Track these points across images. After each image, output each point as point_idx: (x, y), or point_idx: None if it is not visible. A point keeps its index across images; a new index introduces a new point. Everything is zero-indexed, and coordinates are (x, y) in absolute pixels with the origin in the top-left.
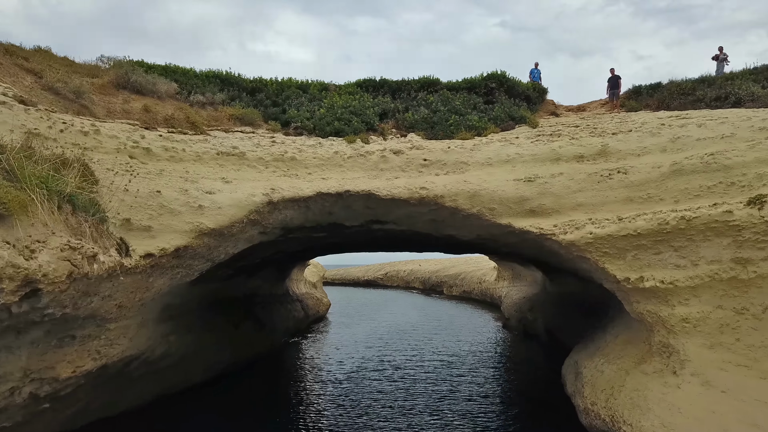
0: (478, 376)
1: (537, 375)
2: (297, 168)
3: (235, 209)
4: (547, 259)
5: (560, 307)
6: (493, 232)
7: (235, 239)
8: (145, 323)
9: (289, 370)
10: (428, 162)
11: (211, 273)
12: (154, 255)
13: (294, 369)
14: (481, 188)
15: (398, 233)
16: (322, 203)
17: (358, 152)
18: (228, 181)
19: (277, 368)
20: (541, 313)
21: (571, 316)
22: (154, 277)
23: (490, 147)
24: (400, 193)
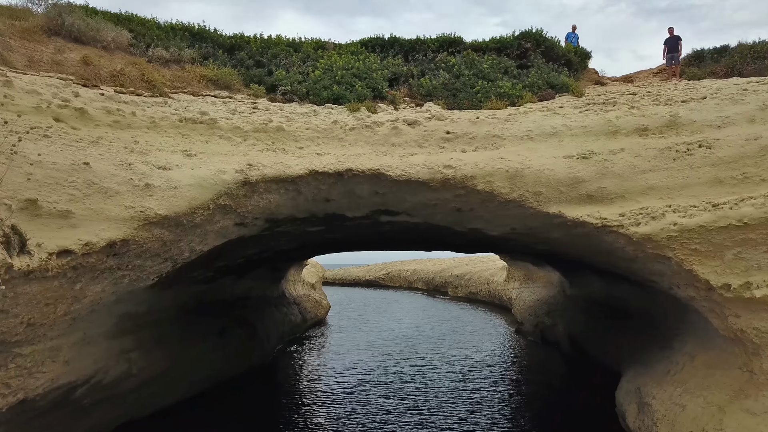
0: (500, 393)
1: (572, 395)
2: (285, 141)
3: (196, 190)
4: (594, 260)
5: (586, 313)
6: (534, 225)
7: (202, 232)
8: (89, 340)
9: (281, 385)
10: (452, 135)
11: (184, 275)
12: (73, 252)
13: (288, 383)
14: (523, 167)
15: (411, 227)
16: (316, 186)
17: (363, 123)
18: (191, 155)
19: (269, 382)
20: (562, 319)
21: (601, 323)
22: (84, 283)
23: (529, 117)
24: (418, 173)
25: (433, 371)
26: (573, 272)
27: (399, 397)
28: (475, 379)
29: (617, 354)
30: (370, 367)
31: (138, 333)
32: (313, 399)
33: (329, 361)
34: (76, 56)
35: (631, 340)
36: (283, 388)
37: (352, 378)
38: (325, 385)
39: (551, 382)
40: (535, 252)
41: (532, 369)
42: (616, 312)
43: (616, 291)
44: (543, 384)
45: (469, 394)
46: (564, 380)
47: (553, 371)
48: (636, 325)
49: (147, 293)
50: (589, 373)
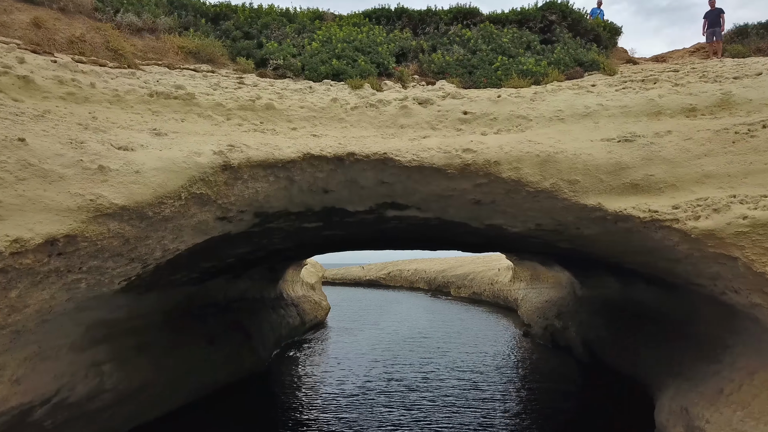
0: (514, 403)
1: (594, 408)
2: (275, 120)
3: (164, 175)
4: (624, 260)
5: (601, 317)
6: (565, 220)
7: (176, 227)
8: (47, 354)
9: (277, 394)
10: (470, 116)
11: (164, 278)
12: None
13: (284, 392)
14: (556, 151)
15: (420, 224)
16: (312, 173)
17: (367, 101)
18: (160, 134)
19: (263, 392)
20: (573, 322)
21: (620, 329)
22: (23, 290)
23: (558, 96)
24: (433, 158)
25: (439, 378)
26: (585, 272)
27: (404, 407)
28: (485, 387)
29: (642, 364)
30: (372, 373)
31: (113, 342)
32: (311, 409)
33: (329, 367)
34: (24, 18)
35: (662, 349)
36: (279, 397)
37: (353, 386)
38: (324, 393)
39: (568, 391)
40: (556, 251)
41: (545, 376)
42: (638, 316)
43: (636, 293)
44: (559, 393)
45: (480, 404)
46: (583, 390)
47: (569, 379)
48: (665, 332)
49: (122, 298)
50: (608, 382)
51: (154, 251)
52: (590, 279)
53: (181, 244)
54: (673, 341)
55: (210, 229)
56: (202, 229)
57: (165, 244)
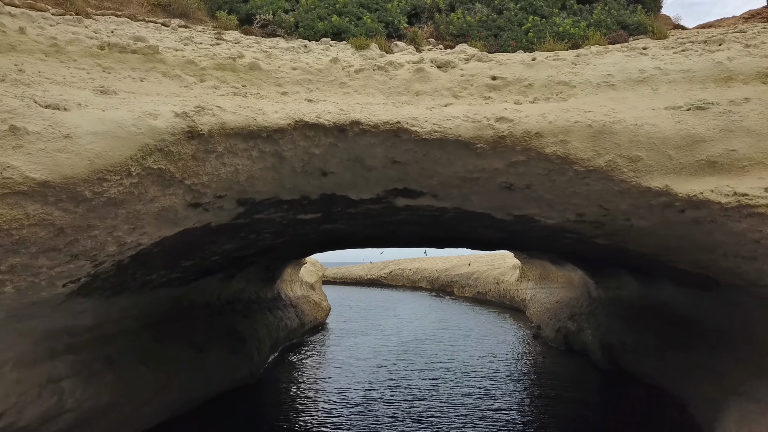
0: (533, 415)
1: (627, 423)
2: (261, 83)
3: (104, 142)
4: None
5: (622, 319)
6: (616, 208)
7: (131, 215)
8: None
9: (272, 406)
10: (500, 81)
11: (136, 278)
12: None
13: (280, 403)
14: (613, 120)
15: (434, 215)
16: (306, 148)
17: (375, 64)
18: (107, 92)
19: (257, 403)
20: (589, 324)
21: (644, 333)
22: None
23: (605, 59)
24: (458, 129)
25: (448, 385)
26: (601, 271)
27: (412, 419)
28: (498, 395)
29: (677, 374)
30: (376, 379)
31: (77, 354)
32: (311, 422)
33: (329, 374)
34: None
35: (703, 360)
36: (274, 408)
37: (356, 395)
38: (324, 403)
39: (590, 400)
40: (586, 248)
41: (563, 383)
42: (664, 320)
43: (660, 295)
44: (580, 402)
45: (494, 415)
46: (607, 400)
47: (590, 387)
48: (705, 340)
49: (84, 302)
50: (634, 391)
51: (105, 246)
52: (606, 278)
53: (142, 236)
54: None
55: (181, 218)
56: (169, 218)
57: (120, 237)
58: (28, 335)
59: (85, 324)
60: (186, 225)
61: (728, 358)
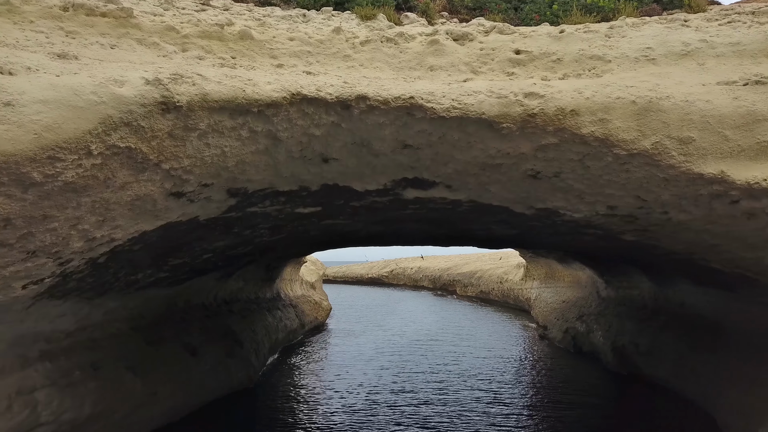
0: (546, 423)
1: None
2: (253, 55)
3: (56, 112)
4: (708, 258)
5: (634, 321)
6: (656, 199)
7: (98, 205)
8: None
9: (270, 412)
10: (525, 56)
11: (120, 278)
12: None
13: (278, 409)
14: (660, 96)
15: (446, 209)
16: (305, 127)
17: (383, 35)
18: (66, 57)
19: (254, 409)
20: (600, 325)
21: (663, 337)
22: None
23: (643, 31)
24: (481, 105)
25: (454, 389)
26: (611, 270)
27: (418, 425)
28: (508, 400)
29: (702, 382)
30: (379, 383)
31: (54, 361)
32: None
33: (330, 377)
34: None
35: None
36: (272, 415)
37: (358, 399)
38: (325, 409)
39: (604, 406)
40: (608, 246)
41: (574, 387)
42: (684, 322)
43: (677, 296)
44: (593, 408)
45: (504, 421)
46: (624, 406)
47: (604, 393)
48: (729, 343)
49: (61, 305)
50: (652, 397)
51: (69, 241)
52: (617, 277)
53: (115, 231)
54: (750, 357)
55: (161, 210)
56: (147, 209)
57: (86, 231)
58: None
59: (65, 328)
60: (169, 218)
61: (761, 363)
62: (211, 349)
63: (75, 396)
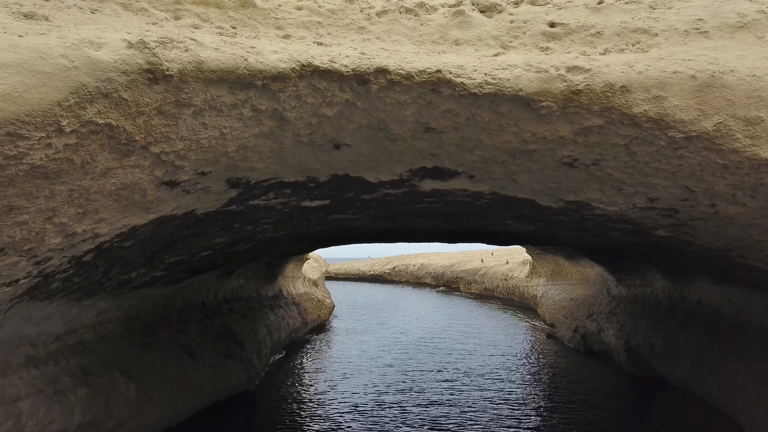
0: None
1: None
2: (256, 24)
3: (19, 78)
4: (747, 255)
5: (648, 320)
6: (707, 190)
7: (76, 194)
8: None
9: (271, 416)
10: (560, 28)
11: (110, 277)
12: None
13: (280, 412)
14: (723, 71)
15: (462, 204)
16: (315, 106)
17: (402, 5)
18: (34, 17)
19: (255, 413)
20: (611, 324)
21: (681, 336)
22: None
23: (692, 2)
24: (518, 80)
25: (462, 390)
26: (623, 267)
27: (427, 427)
28: (520, 401)
29: (721, 381)
30: (385, 383)
31: (40, 368)
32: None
33: (334, 378)
34: None
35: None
36: (275, 417)
37: (364, 400)
38: (329, 412)
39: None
40: (633, 242)
41: (590, 389)
42: (703, 321)
43: (694, 294)
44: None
45: (518, 424)
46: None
47: (619, 394)
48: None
49: (46, 306)
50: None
51: (44, 237)
52: (628, 275)
53: (98, 225)
54: None
55: (153, 202)
56: (135, 200)
57: (64, 225)
58: None
59: (53, 331)
60: (162, 211)
61: None
62: (211, 350)
63: (63, 404)
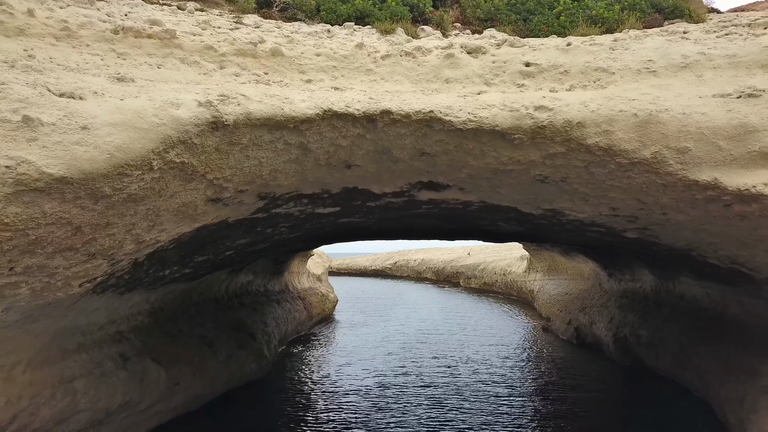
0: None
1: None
2: (283, 71)
3: (125, 134)
4: (705, 254)
5: (636, 313)
6: (656, 202)
7: (150, 212)
8: None
9: (282, 401)
10: (534, 68)
11: (150, 275)
12: None
13: (291, 398)
14: (659, 109)
15: (457, 208)
16: (333, 139)
17: (402, 49)
18: (125, 80)
19: (267, 398)
20: (602, 317)
21: (665, 328)
22: None
23: (645, 44)
24: (495, 118)
25: (460, 374)
26: (614, 263)
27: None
28: (511, 385)
29: (697, 369)
30: (387, 369)
31: (90, 352)
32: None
33: (340, 365)
34: None
35: (726, 355)
36: (284, 404)
37: (368, 383)
38: (337, 394)
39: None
40: (612, 242)
41: (578, 375)
42: (685, 314)
43: (678, 288)
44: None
45: (513, 411)
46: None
47: (609, 383)
48: (728, 334)
49: (97, 299)
50: (655, 388)
51: (123, 244)
52: (620, 271)
53: (161, 234)
54: (746, 348)
55: (200, 214)
56: (189, 214)
57: (138, 235)
58: (40, 335)
59: (97, 321)
60: (205, 221)
61: (758, 354)
62: (226, 341)
63: (108, 385)
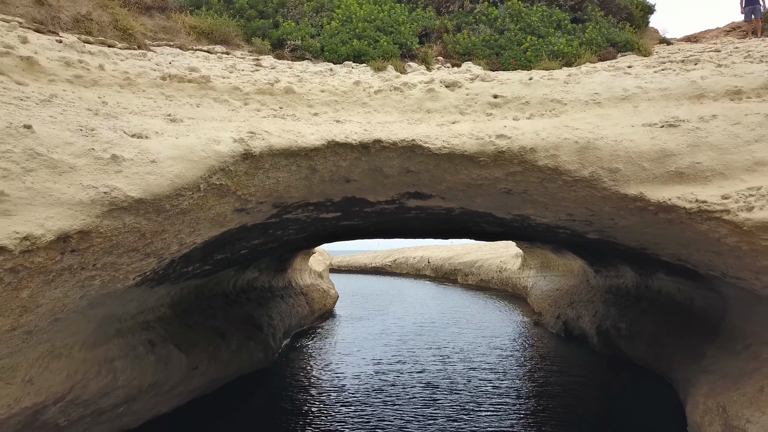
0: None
1: (623, 404)
2: (295, 105)
3: (182, 165)
4: (655, 252)
5: (618, 306)
6: (601, 210)
7: (193, 220)
8: (59, 353)
9: (288, 388)
10: (501, 99)
11: (177, 270)
12: (6, 250)
13: (295, 386)
14: (596, 137)
15: (442, 213)
16: (335, 161)
17: (392, 85)
18: (175, 120)
19: (275, 386)
20: (587, 311)
21: (640, 320)
22: (34, 289)
23: (593, 78)
24: (464, 145)
25: (454, 361)
26: (600, 261)
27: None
28: (499, 371)
29: (665, 357)
30: (385, 357)
31: (125, 337)
32: (325, 402)
33: (341, 355)
34: None
35: (688, 343)
36: (292, 388)
37: (367, 369)
38: (338, 379)
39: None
40: (578, 242)
41: (562, 363)
42: (657, 307)
43: (655, 284)
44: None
45: (503, 404)
46: (604, 382)
47: (589, 371)
48: (690, 325)
49: (133, 292)
50: (628, 374)
51: (170, 246)
52: (605, 268)
53: (197, 237)
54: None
55: (227, 221)
56: (219, 221)
57: (182, 238)
58: (91, 321)
59: (130, 311)
60: (230, 226)
61: (708, 341)
62: (235, 332)
63: (141, 366)
